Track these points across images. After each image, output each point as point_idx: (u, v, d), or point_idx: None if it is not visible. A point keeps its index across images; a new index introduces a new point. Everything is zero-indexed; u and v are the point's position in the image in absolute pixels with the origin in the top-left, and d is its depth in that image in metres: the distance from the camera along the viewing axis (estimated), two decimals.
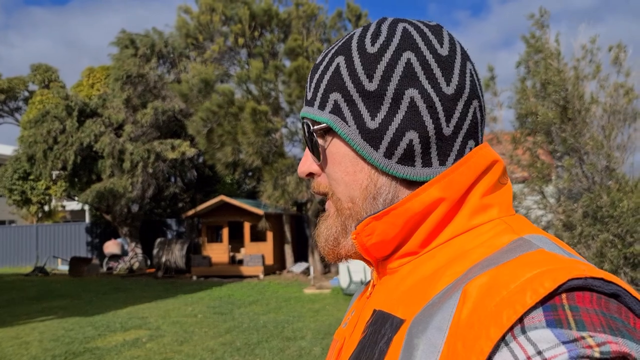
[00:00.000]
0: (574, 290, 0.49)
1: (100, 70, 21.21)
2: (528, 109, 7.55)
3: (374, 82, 0.64)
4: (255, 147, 15.38)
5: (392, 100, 0.64)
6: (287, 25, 17.58)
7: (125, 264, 20.24)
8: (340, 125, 0.66)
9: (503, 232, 0.62)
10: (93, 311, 11.26)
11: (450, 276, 0.60)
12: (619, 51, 8.35)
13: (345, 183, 0.68)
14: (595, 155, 7.95)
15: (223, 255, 18.76)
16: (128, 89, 17.96)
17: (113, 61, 18.97)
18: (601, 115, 8.12)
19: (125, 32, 18.99)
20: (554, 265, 0.52)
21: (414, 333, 0.56)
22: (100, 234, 23.25)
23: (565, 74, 7.77)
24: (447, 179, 0.63)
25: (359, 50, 0.66)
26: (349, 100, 0.66)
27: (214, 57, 17.32)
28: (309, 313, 10.75)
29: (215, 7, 16.79)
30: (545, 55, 7.65)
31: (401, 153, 0.64)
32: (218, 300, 12.83)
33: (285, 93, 16.12)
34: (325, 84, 0.68)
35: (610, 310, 0.48)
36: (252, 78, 15.49)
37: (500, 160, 0.67)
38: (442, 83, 0.63)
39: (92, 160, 18.39)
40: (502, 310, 0.49)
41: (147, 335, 8.80)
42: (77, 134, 17.87)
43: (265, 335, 8.60)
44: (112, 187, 17.45)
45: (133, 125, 18.09)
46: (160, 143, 18.08)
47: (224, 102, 15.43)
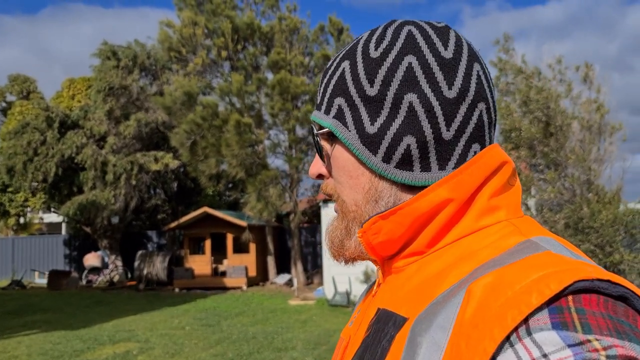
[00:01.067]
0: (580, 292, 0.49)
1: (81, 82, 21.07)
2: (512, 125, 7.85)
3: (374, 87, 0.65)
4: (239, 159, 15.49)
5: (392, 105, 0.64)
6: (269, 38, 17.78)
7: (105, 277, 20.01)
8: (341, 130, 0.67)
9: (510, 234, 0.62)
10: (78, 325, 11.17)
11: (455, 276, 0.59)
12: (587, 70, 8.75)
13: (349, 186, 0.69)
14: (575, 168, 8.28)
15: (205, 267, 18.71)
16: (110, 101, 17.90)
17: (95, 72, 18.90)
18: (580, 130, 8.46)
19: (107, 44, 18.95)
20: (560, 267, 0.51)
21: (417, 331, 0.56)
22: (78, 247, 22.94)
23: (546, 92, 8.09)
24: (456, 179, 0.63)
25: (363, 55, 0.67)
26: (351, 105, 0.66)
27: (197, 70, 17.41)
28: (297, 324, 10.85)
29: (198, 20, 16.91)
30: (526, 75, 7.98)
31: (399, 158, 0.64)
32: (204, 312, 12.84)
33: (269, 105, 16.29)
34: (332, 89, 0.69)
35: (617, 314, 0.47)
36: (234, 91, 15.62)
37: (510, 161, 0.67)
38: (443, 87, 0.63)
39: (73, 172, 18.22)
40: (507, 311, 0.49)
41: (137, 348, 8.80)
42: (58, 145, 17.71)
43: (256, 347, 8.68)
44: (94, 199, 17.30)
45: (116, 137, 18.01)
46: (143, 155, 18.03)
47: (207, 115, 15.52)
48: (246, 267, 18.06)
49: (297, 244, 17.88)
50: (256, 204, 15.80)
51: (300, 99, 16.79)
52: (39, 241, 23.80)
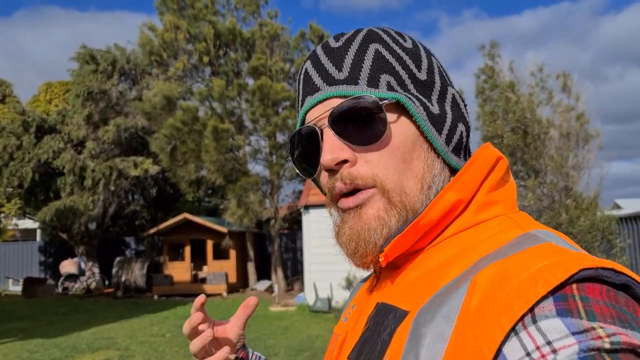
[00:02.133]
0: (584, 281, 0.49)
1: (58, 86, 20.77)
2: (494, 132, 7.98)
3: (422, 72, 0.68)
4: (218, 165, 15.42)
5: (440, 92, 0.68)
6: (251, 44, 17.77)
7: (81, 284, 19.68)
8: (411, 103, 0.64)
9: (509, 227, 0.62)
10: (55, 333, 10.96)
11: (458, 268, 0.59)
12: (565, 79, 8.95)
13: (400, 171, 0.64)
14: (554, 175, 8.44)
15: (185, 273, 18.53)
16: (89, 105, 17.68)
17: (73, 77, 18.66)
18: (558, 137, 8.63)
19: (86, 48, 18.73)
20: (564, 257, 0.52)
21: (420, 322, 0.56)
22: (54, 254, 22.53)
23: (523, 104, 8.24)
24: (461, 181, 0.64)
25: (395, 42, 0.68)
26: (402, 84, 0.66)
27: (178, 74, 17.32)
28: (279, 330, 10.80)
29: (180, 25, 16.83)
30: (501, 88, 8.13)
31: (456, 142, 0.67)
32: (184, 319, 12.62)
33: (249, 111, 16.26)
34: (370, 65, 0.66)
35: (619, 303, 0.48)
36: (215, 96, 15.57)
37: (504, 158, 0.68)
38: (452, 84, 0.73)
39: (49, 178, 17.93)
40: (514, 299, 0.49)
41: (117, 355, 8.67)
42: (34, 150, 17.42)
43: None
44: (72, 205, 17.03)
45: (94, 142, 17.79)
46: (122, 160, 17.83)
47: (187, 119, 15.44)
48: (226, 273, 17.95)
49: (278, 250, 17.83)
50: (236, 209, 15.73)
51: (281, 105, 16.81)
52: (13, 248, 23.30)
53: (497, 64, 8.64)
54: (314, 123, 0.67)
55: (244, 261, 18.99)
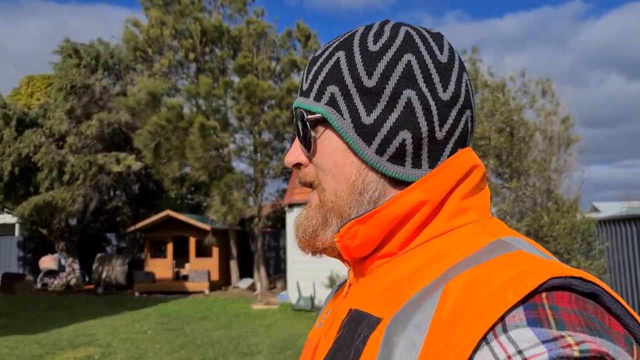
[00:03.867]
0: (554, 289, 0.50)
1: (40, 79, 20.45)
2: (482, 133, 8.09)
3: (372, 79, 0.65)
4: (203, 162, 15.36)
5: (390, 98, 0.64)
6: (237, 42, 17.72)
7: (61, 281, 19.43)
8: (335, 117, 0.66)
9: (481, 233, 0.63)
10: (34, 329, 10.83)
11: (429, 276, 0.60)
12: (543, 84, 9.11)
13: (333, 175, 0.68)
14: (537, 178, 8.58)
15: (167, 271, 18.40)
16: (72, 100, 17.45)
17: (55, 70, 18.39)
18: (542, 140, 8.77)
19: (69, 41, 18.48)
20: (534, 265, 0.52)
21: (392, 331, 0.56)
22: (33, 249, 22.19)
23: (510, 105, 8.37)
24: (430, 182, 0.64)
25: (360, 47, 0.67)
26: (345, 94, 0.66)
27: (163, 71, 17.19)
28: (261, 328, 10.82)
29: (166, 20, 16.71)
30: (492, 88, 8.25)
31: (393, 151, 0.65)
32: (166, 317, 12.65)
33: (235, 109, 16.22)
34: (324, 77, 0.68)
35: (588, 311, 0.49)
36: (202, 94, 15.50)
37: (481, 165, 0.68)
38: (439, 88, 0.65)
39: (30, 172, 17.66)
40: (485, 309, 0.49)
41: (99, 352, 8.61)
42: (15, 144, 17.14)
43: (222, 351, 8.62)
44: (50, 200, 16.79)
45: (76, 136, 17.56)
46: (104, 156, 17.64)
47: (172, 117, 15.34)
48: (209, 271, 17.88)
49: (261, 248, 17.81)
50: (220, 207, 15.68)
51: (267, 103, 16.79)
52: None
53: (478, 68, 8.76)
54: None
55: (226, 259, 18.92)
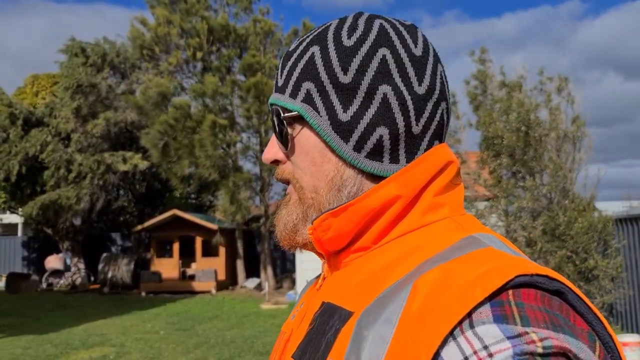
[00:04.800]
0: (520, 287, 0.51)
1: (45, 78, 20.39)
2: (495, 133, 8.05)
3: (348, 75, 0.64)
4: (213, 161, 15.32)
5: (365, 94, 0.64)
6: (243, 41, 17.67)
7: (66, 280, 19.38)
8: (312, 114, 0.66)
9: (453, 229, 0.64)
10: (45, 329, 10.79)
11: (401, 271, 0.60)
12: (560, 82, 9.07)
13: (311, 173, 0.68)
14: (552, 177, 8.55)
15: (173, 270, 18.36)
16: (78, 99, 17.38)
17: (61, 69, 18.33)
18: (557, 140, 8.73)
19: (75, 40, 18.42)
20: (502, 263, 0.53)
21: (363, 325, 0.57)
22: (38, 249, 22.15)
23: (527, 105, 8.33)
24: (404, 176, 0.64)
25: (335, 42, 0.66)
26: (321, 91, 0.65)
27: (169, 69, 17.15)
28: (273, 328, 10.78)
29: (173, 19, 16.67)
30: (509, 87, 8.20)
31: (370, 147, 0.65)
32: (176, 317, 12.61)
33: (243, 108, 16.17)
34: (299, 73, 0.67)
35: (553, 308, 0.50)
36: (208, 93, 15.46)
37: (455, 161, 0.68)
38: (414, 82, 0.65)
39: (36, 171, 17.59)
40: (452, 305, 0.50)
41: (113, 352, 8.57)
42: (21, 143, 17.08)
43: (237, 351, 8.59)
44: (57, 199, 16.73)
45: (82, 135, 17.50)
46: (111, 155, 17.58)
47: (180, 116, 15.30)
48: (215, 270, 17.85)
49: (268, 248, 17.77)
50: (229, 206, 15.64)
51: None
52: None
53: (488, 68, 8.71)
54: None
55: (233, 258, 18.88)
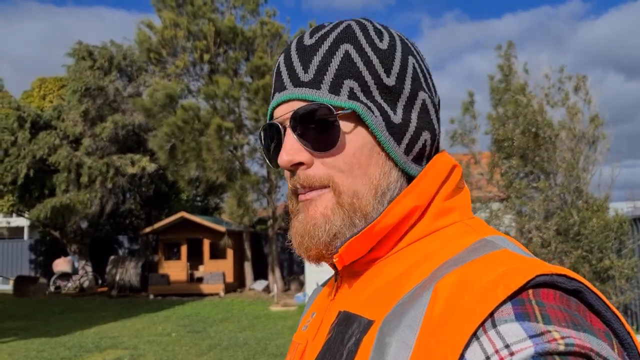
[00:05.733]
0: (540, 286, 0.51)
1: (52, 81, 20.44)
2: (505, 135, 8.02)
3: (391, 78, 0.65)
4: (221, 164, 15.32)
5: (408, 99, 0.66)
6: (250, 43, 17.69)
7: (74, 283, 19.40)
8: (368, 114, 0.64)
9: (466, 233, 0.64)
10: (56, 332, 10.78)
11: (418, 277, 0.60)
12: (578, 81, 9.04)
13: (355, 176, 0.65)
14: (565, 177, 8.51)
15: (181, 273, 18.36)
16: (86, 102, 17.42)
17: (69, 73, 18.37)
18: (570, 139, 8.70)
19: (82, 44, 18.47)
20: (521, 263, 0.54)
21: (385, 332, 0.57)
22: (44, 252, 22.18)
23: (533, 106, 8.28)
24: (418, 188, 0.64)
25: (369, 43, 0.65)
26: (366, 91, 0.64)
27: (177, 72, 17.17)
28: (285, 330, 10.76)
29: (180, 22, 16.69)
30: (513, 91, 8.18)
31: (417, 151, 0.66)
32: (186, 319, 12.59)
33: (252, 110, 16.17)
34: (336, 69, 0.64)
35: (571, 308, 0.50)
36: (220, 95, 15.47)
37: (459, 165, 0.70)
38: (433, 91, 0.71)
39: (44, 174, 17.63)
40: (475, 306, 0.50)
41: (128, 354, 8.56)
42: (29, 146, 17.12)
43: (251, 353, 8.56)
44: (68, 202, 16.76)
45: (91, 138, 17.53)
46: (119, 157, 17.61)
47: (189, 118, 15.31)
48: (224, 273, 17.83)
49: (275, 250, 17.76)
50: (237, 209, 15.63)
51: None
52: (2, 246, 22.89)
53: (512, 64, 8.68)
54: (279, 121, 0.68)
55: (240, 261, 18.87)
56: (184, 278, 18.30)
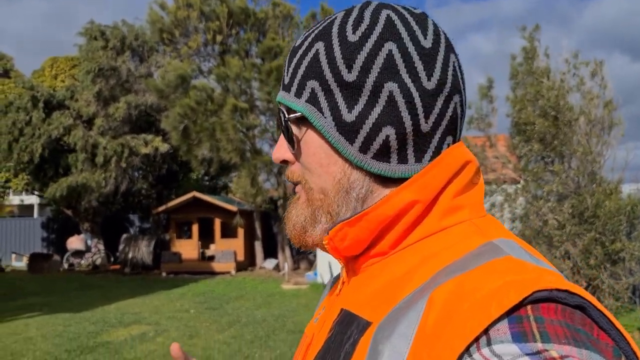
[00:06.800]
0: (539, 301, 0.48)
1: (64, 61, 20.54)
2: (527, 119, 8.18)
3: (353, 73, 0.61)
4: (235, 144, 15.50)
5: (371, 93, 0.61)
6: (262, 24, 17.73)
7: (87, 261, 19.77)
8: (316, 115, 0.64)
9: (472, 234, 0.62)
10: (78, 308, 11.09)
11: (418, 280, 0.59)
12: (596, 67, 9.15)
13: (318, 174, 0.66)
14: (580, 161, 8.70)
15: (193, 251, 18.68)
16: (100, 82, 17.55)
17: (81, 52, 18.46)
18: (586, 123, 8.86)
19: (94, 24, 18.53)
20: (520, 276, 0.51)
21: (379, 339, 0.56)
22: (56, 230, 22.51)
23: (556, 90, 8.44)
24: (420, 181, 0.62)
25: (339, 38, 0.63)
26: (326, 90, 0.63)
27: (189, 53, 17.26)
28: (300, 308, 11.05)
29: (192, 2, 16.73)
30: (537, 74, 8.32)
31: (377, 148, 0.62)
32: (202, 296, 12.90)
33: (264, 92, 16.29)
34: (303, 71, 0.65)
35: (575, 322, 0.48)
36: (232, 76, 15.58)
37: (473, 161, 0.66)
38: (423, 77, 0.61)
39: (59, 154, 17.85)
40: (467, 322, 0.48)
41: (152, 330, 8.85)
42: (44, 126, 17.30)
43: (271, 329, 8.85)
44: (84, 182, 17.00)
45: (104, 118, 17.70)
46: (133, 138, 17.81)
47: (202, 99, 15.45)
48: (235, 251, 18.14)
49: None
50: (250, 189, 15.85)
51: None
52: (14, 223, 23.22)
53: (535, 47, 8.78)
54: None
55: (251, 240, 19.17)
56: (195, 256, 18.63)
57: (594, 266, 8.35)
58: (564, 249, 8.57)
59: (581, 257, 8.47)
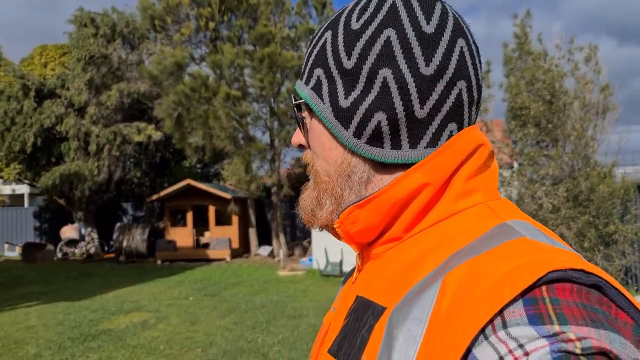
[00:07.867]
0: (554, 282, 0.48)
1: (53, 49, 20.29)
2: (522, 103, 8.27)
3: (351, 60, 0.63)
4: (228, 132, 15.49)
5: (367, 79, 0.62)
6: (254, 10, 17.63)
7: (81, 250, 19.73)
8: (316, 102, 0.66)
9: (486, 217, 0.61)
10: (77, 296, 11.12)
11: (432, 264, 0.59)
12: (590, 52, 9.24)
13: (323, 158, 0.69)
14: (575, 145, 8.82)
15: (187, 239, 18.72)
16: (91, 70, 17.40)
17: (71, 40, 18.27)
18: (580, 108, 8.97)
19: (84, 11, 18.32)
20: (534, 257, 0.50)
21: (394, 323, 0.56)
22: (49, 219, 22.41)
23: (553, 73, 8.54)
24: (431, 163, 0.62)
25: (344, 26, 0.65)
26: (329, 77, 0.65)
27: (181, 40, 17.14)
28: (298, 293, 11.15)
29: None
30: (534, 56, 8.41)
31: (369, 134, 0.63)
32: (199, 283, 12.97)
33: (256, 79, 16.24)
34: (313, 59, 0.68)
35: (591, 301, 0.47)
36: (226, 63, 15.52)
37: (486, 144, 0.66)
38: (420, 63, 0.61)
39: (51, 143, 17.72)
40: (480, 305, 0.48)
41: (153, 317, 8.92)
42: (35, 115, 17.16)
43: (270, 315, 8.95)
44: (77, 170, 16.92)
45: (96, 107, 17.58)
46: (125, 126, 17.72)
47: (197, 86, 15.39)
48: (229, 239, 18.20)
49: (280, 216, 18.10)
50: (244, 176, 15.88)
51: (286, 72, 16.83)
52: (7, 213, 23.08)
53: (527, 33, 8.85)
54: None
55: (245, 227, 19.24)
56: (190, 244, 18.67)
57: (588, 249, 8.51)
58: (558, 232, 8.72)
59: (575, 240, 8.63)
